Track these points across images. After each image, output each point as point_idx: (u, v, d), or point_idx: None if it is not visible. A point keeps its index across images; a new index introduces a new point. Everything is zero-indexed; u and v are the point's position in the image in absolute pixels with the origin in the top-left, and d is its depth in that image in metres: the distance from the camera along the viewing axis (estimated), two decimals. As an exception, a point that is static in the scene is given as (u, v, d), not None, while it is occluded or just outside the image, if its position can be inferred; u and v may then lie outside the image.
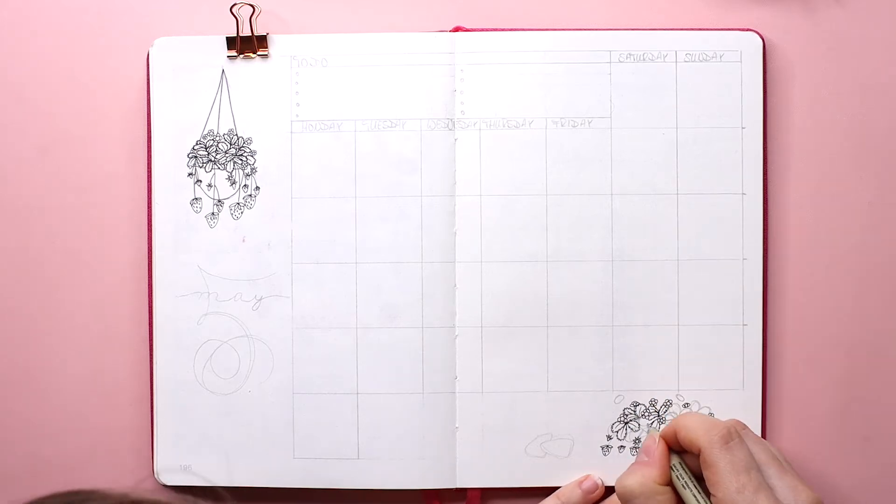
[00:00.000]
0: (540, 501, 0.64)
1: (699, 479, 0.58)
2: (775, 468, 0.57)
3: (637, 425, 0.65)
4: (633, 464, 0.61)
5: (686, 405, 0.65)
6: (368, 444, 0.65)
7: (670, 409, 0.65)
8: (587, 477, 0.65)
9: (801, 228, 0.66)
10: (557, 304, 0.65)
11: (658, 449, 0.60)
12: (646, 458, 0.60)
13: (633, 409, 0.65)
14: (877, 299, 0.66)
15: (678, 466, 0.59)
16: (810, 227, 0.66)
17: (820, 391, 0.66)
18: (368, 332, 0.65)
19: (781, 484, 0.57)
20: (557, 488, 0.65)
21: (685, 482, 0.58)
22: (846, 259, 0.66)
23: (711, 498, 0.56)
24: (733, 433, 0.58)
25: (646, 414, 0.65)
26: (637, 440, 0.65)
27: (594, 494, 0.64)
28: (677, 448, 0.60)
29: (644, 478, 0.59)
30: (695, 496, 0.58)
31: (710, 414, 0.65)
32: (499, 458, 0.65)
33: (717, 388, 0.65)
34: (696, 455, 0.58)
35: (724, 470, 0.56)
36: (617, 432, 0.65)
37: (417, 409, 0.65)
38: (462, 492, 0.66)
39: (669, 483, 0.59)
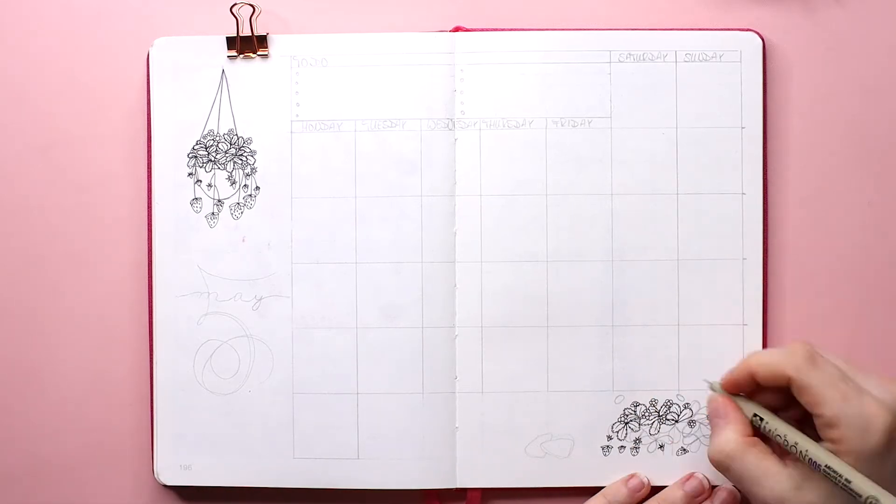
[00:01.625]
0: (585, 500, 0.64)
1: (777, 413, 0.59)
2: (859, 373, 0.58)
3: (637, 425, 0.65)
4: (714, 430, 0.60)
5: (686, 405, 0.65)
6: (368, 444, 0.65)
7: (670, 410, 0.65)
8: (633, 475, 0.65)
9: (801, 228, 0.66)
10: (557, 303, 0.65)
11: (729, 405, 0.59)
12: (722, 420, 0.59)
13: (633, 409, 0.65)
14: (877, 299, 0.66)
15: (759, 415, 0.59)
16: (810, 227, 0.66)
17: (820, 391, 0.66)
18: (368, 332, 0.65)
19: (871, 385, 0.57)
20: (557, 489, 0.65)
21: (776, 430, 0.58)
22: (846, 259, 0.66)
23: (817, 419, 0.56)
24: (814, 353, 0.57)
25: (646, 414, 0.65)
26: (637, 440, 0.65)
27: (640, 493, 0.64)
28: (746, 392, 0.60)
29: (735, 434, 0.58)
30: (787, 431, 0.57)
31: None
32: (499, 458, 0.65)
33: (717, 388, 0.65)
34: (774, 391, 0.58)
35: (823, 386, 0.56)
36: (617, 432, 0.65)
37: (417, 409, 0.65)
38: (462, 492, 0.66)
39: (753, 434, 0.59)
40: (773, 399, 0.59)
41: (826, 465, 0.54)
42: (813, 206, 0.66)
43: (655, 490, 0.65)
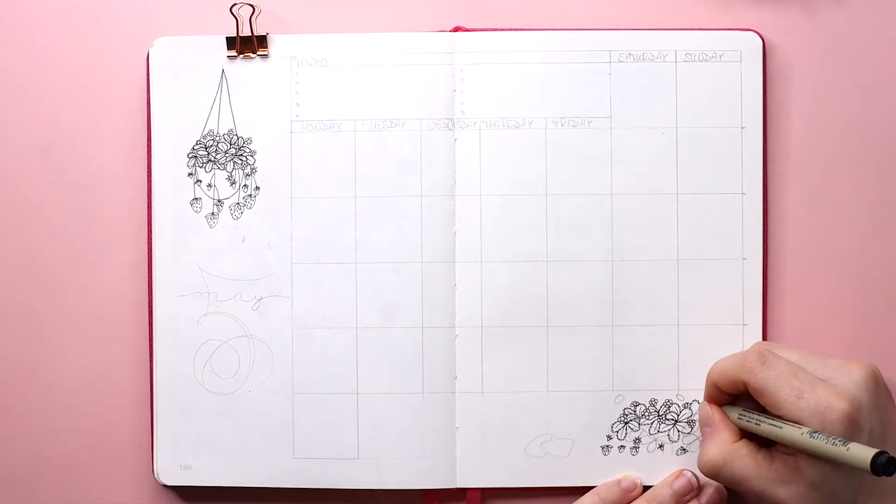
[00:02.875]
0: (576, 500, 0.64)
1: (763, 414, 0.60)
2: (816, 360, 0.59)
3: (637, 425, 0.65)
4: (703, 440, 0.62)
5: (686, 405, 0.65)
6: (368, 444, 0.65)
7: (670, 409, 0.65)
8: (625, 476, 0.65)
9: (801, 228, 0.66)
10: (557, 303, 0.65)
11: (714, 413, 0.62)
12: (709, 429, 0.61)
13: (633, 409, 0.65)
14: (877, 299, 0.66)
15: (743, 413, 0.60)
16: (810, 227, 0.66)
17: (820, 391, 0.66)
18: (368, 332, 0.65)
19: (829, 371, 0.58)
20: (557, 488, 0.65)
21: (757, 420, 0.59)
22: (846, 259, 0.66)
23: (778, 420, 0.57)
24: (765, 352, 0.59)
25: (646, 414, 0.65)
26: (637, 440, 0.65)
27: (633, 493, 0.64)
28: (729, 401, 0.62)
29: (720, 443, 0.60)
30: (772, 424, 0.58)
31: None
32: (499, 458, 0.65)
33: (717, 388, 0.65)
34: (747, 395, 0.60)
35: (775, 386, 0.57)
36: (617, 432, 0.65)
37: (417, 409, 0.65)
38: (462, 492, 0.66)
39: (741, 438, 0.60)
40: (754, 404, 0.61)
41: (806, 433, 0.56)
42: (813, 206, 0.66)
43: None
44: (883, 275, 0.66)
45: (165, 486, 0.66)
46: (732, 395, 0.62)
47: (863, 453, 0.53)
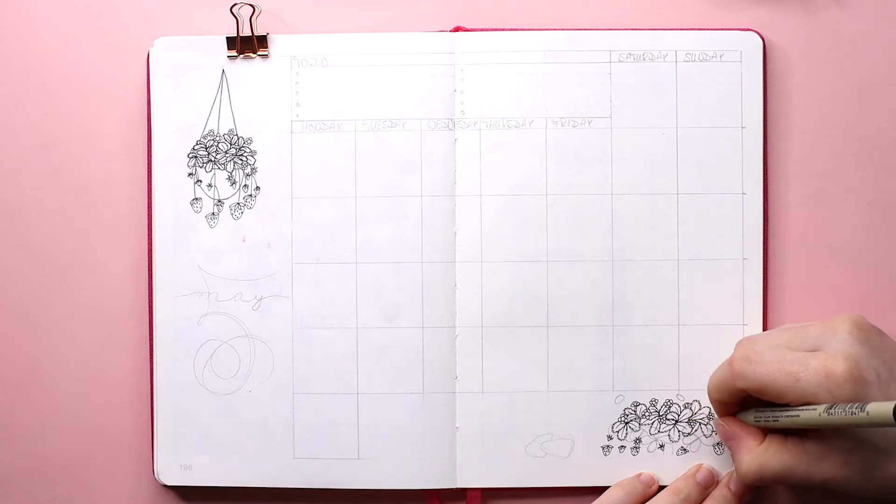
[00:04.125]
0: (589, 499, 0.64)
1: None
2: (799, 336, 0.58)
3: (637, 425, 0.65)
4: (732, 454, 0.61)
5: (686, 405, 0.65)
6: (368, 444, 0.65)
7: (671, 409, 0.65)
8: (642, 472, 0.65)
9: (801, 228, 0.66)
10: (557, 303, 0.65)
11: (731, 425, 0.61)
12: (733, 441, 0.61)
13: (633, 409, 0.65)
14: (877, 299, 0.66)
15: (759, 415, 0.60)
16: (810, 227, 0.66)
17: (820, 391, 0.66)
18: (368, 332, 0.65)
19: (814, 339, 0.58)
20: (557, 489, 0.65)
21: (773, 417, 0.58)
22: (846, 259, 0.66)
23: (792, 409, 0.57)
24: (747, 352, 0.58)
25: (646, 414, 0.65)
26: (637, 440, 0.65)
27: (652, 488, 0.64)
28: (739, 408, 0.62)
29: (750, 450, 0.60)
30: (789, 416, 0.57)
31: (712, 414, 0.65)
32: (499, 458, 0.65)
33: (717, 388, 0.65)
34: (752, 396, 0.59)
35: (771, 380, 0.57)
36: (617, 432, 0.65)
37: (417, 409, 0.65)
38: (462, 492, 0.66)
39: (765, 436, 0.60)
40: (761, 401, 0.60)
41: (822, 412, 0.55)
42: (813, 206, 0.66)
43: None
44: (883, 275, 0.66)
45: (165, 486, 0.66)
46: (740, 403, 0.61)
47: (883, 411, 0.51)
